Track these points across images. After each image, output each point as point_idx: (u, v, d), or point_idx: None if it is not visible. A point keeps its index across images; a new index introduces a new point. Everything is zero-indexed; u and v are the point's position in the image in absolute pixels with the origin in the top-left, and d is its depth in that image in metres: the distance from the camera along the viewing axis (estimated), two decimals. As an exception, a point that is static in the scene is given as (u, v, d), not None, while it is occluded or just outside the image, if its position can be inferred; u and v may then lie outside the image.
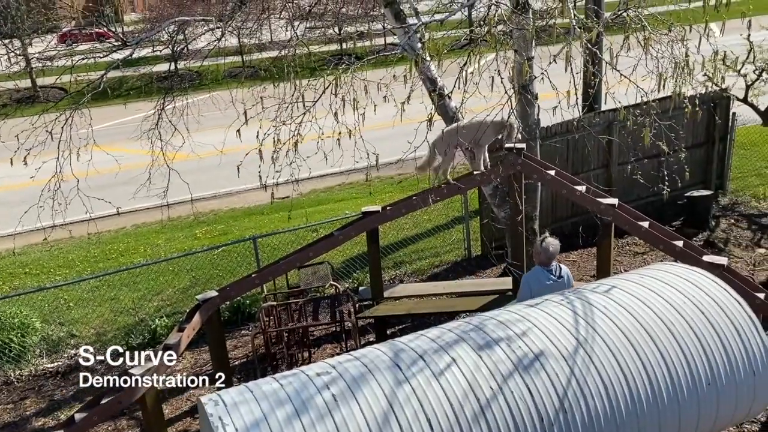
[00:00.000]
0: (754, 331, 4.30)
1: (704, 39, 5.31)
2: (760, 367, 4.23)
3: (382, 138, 6.56)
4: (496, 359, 3.84)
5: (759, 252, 9.84)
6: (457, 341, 3.97)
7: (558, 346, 3.93)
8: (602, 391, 3.81)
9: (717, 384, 4.09)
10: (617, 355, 3.95)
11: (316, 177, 14.21)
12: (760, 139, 12.27)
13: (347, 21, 22.62)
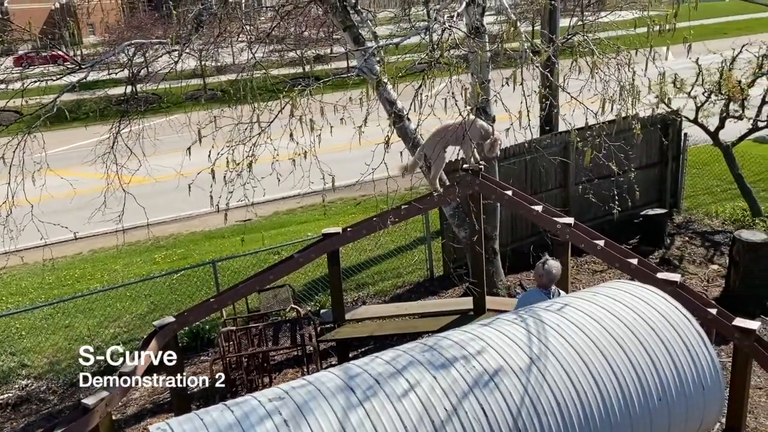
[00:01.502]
0: (703, 347, 4.40)
1: (651, 62, 5.49)
2: (709, 381, 4.31)
3: (342, 160, 6.57)
4: (451, 379, 3.84)
5: (712, 268, 10.09)
6: (412, 362, 3.96)
7: (512, 365, 3.95)
8: (555, 409, 3.83)
9: (668, 399, 4.15)
10: (570, 373, 3.99)
11: (278, 199, 14.22)
12: (710, 159, 12.66)
13: (309, 44, 22.75)
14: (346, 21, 9.18)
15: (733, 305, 8.60)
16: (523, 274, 10.74)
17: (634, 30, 5.67)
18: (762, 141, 15.36)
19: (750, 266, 8.63)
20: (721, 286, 9.38)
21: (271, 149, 5.68)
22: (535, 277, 6.29)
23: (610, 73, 5.45)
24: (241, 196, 5.90)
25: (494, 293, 9.81)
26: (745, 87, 10.61)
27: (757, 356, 6.28)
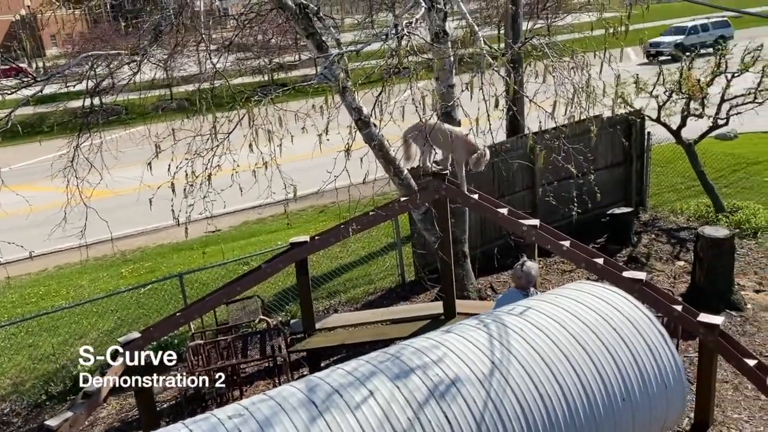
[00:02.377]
0: (665, 346, 4.43)
1: (608, 64, 5.54)
2: (672, 380, 4.34)
3: (306, 168, 6.51)
4: (412, 387, 3.81)
5: (678, 265, 10.23)
6: (374, 372, 3.92)
7: (474, 371, 3.93)
8: (519, 414, 3.82)
9: (632, 399, 4.17)
10: (533, 377, 3.99)
11: (240, 210, 14.07)
12: (674, 156, 12.85)
13: (276, 52, 22.67)
14: (308, 28, 9.13)
15: (699, 300, 8.75)
16: (493, 276, 10.77)
17: (590, 32, 5.72)
18: (723, 138, 15.68)
19: (713, 262, 8.76)
20: (687, 282, 9.51)
21: (232, 160, 5.59)
22: (514, 278, 6.29)
23: (565, 77, 5.48)
24: (205, 207, 5.80)
25: (465, 296, 9.83)
26: (704, 86, 10.80)
27: (722, 351, 6.38)
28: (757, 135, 16.40)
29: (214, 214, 6.12)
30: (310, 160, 5.92)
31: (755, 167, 13.65)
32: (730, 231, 9.10)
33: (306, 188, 6.17)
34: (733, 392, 7.32)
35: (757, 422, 6.81)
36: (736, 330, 8.42)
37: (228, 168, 6.23)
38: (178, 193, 5.50)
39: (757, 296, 9.15)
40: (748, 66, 10.78)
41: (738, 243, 10.32)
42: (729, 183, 12.86)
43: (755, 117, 11.25)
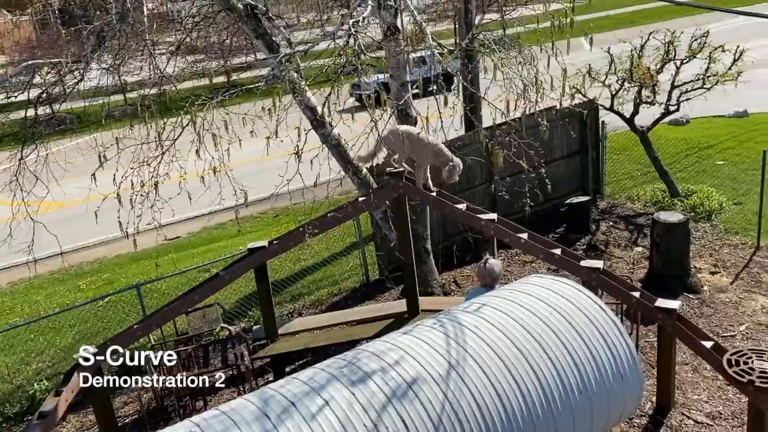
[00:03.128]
0: (620, 337, 4.47)
1: (559, 55, 5.56)
2: (628, 370, 4.38)
3: (262, 170, 6.38)
4: (369, 393, 3.76)
5: (636, 250, 10.39)
6: (330, 380, 3.85)
7: (431, 372, 3.90)
8: (477, 413, 3.81)
9: (589, 391, 4.19)
10: (490, 375, 3.97)
11: (207, 214, 13.81)
12: (629, 144, 13.05)
13: (230, 53, 22.28)
14: (258, 29, 9.01)
15: (658, 285, 8.91)
16: (457, 271, 10.79)
17: (537, 26, 5.74)
18: (676, 123, 16.01)
19: (670, 246, 8.92)
20: (646, 268, 9.66)
21: (179, 167, 5.46)
22: (479, 277, 6.30)
23: (513, 72, 5.49)
24: (153, 217, 5.64)
25: (429, 293, 9.83)
26: (654, 74, 10.98)
27: (680, 334, 6.49)
28: (708, 119, 16.77)
29: (172, 221, 6.01)
30: (266, 163, 5.81)
31: (707, 151, 13.96)
32: (685, 215, 9.28)
33: (266, 190, 6.05)
34: (693, 374, 7.46)
35: (716, 402, 6.96)
36: (693, 312, 8.59)
37: (180, 174, 6.08)
38: (125, 204, 5.33)
39: (712, 278, 9.35)
40: (696, 52, 10.99)
41: (693, 226, 10.55)
42: (683, 167, 13.11)
43: (704, 102, 11.47)
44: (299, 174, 5.74)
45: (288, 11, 22.39)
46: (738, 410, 6.70)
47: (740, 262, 9.66)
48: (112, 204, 5.71)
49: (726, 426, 6.60)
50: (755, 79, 16.17)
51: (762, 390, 5.84)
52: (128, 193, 5.63)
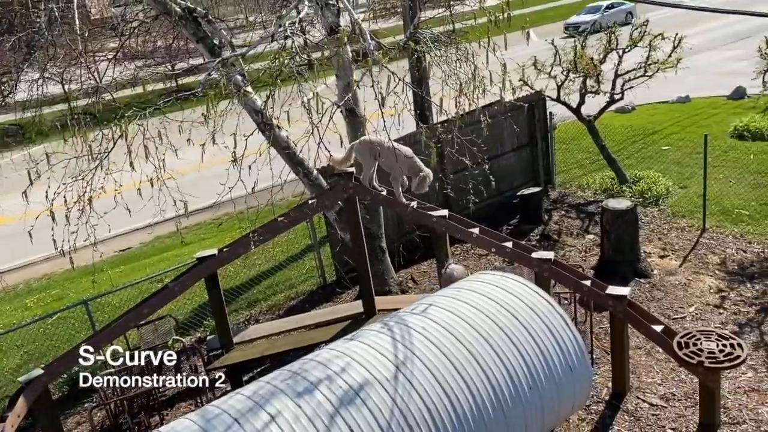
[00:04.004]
0: (567, 330, 4.49)
1: (492, 53, 5.55)
2: (576, 362, 4.41)
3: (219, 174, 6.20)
4: (315, 404, 3.69)
5: (588, 238, 10.54)
6: (275, 393, 3.77)
7: (379, 378, 3.85)
8: (426, 416, 3.77)
9: (539, 387, 4.21)
10: (438, 377, 3.94)
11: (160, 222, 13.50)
12: (577, 133, 13.23)
13: (179, 57, 21.87)
14: (198, 32, 8.82)
15: (610, 271, 9.07)
16: (414, 268, 10.78)
17: (474, 21, 5.74)
18: (622, 111, 16.32)
19: (619, 233, 9.07)
20: (597, 255, 9.81)
21: (114, 180, 5.27)
22: (444, 283, 6.30)
23: (452, 69, 5.47)
24: (89, 234, 5.44)
25: (387, 291, 9.80)
26: (597, 64, 11.14)
27: (631, 320, 6.60)
28: (652, 106, 17.15)
29: (120, 233, 5.82)
30: (213, 168, 5.67)
31: (653, 137, 14.26)
32: (633, 202, 9.44)
33: (216, 197, 5.90)
34: (646, 357, 7.59)
35: (670, 384, 7.10)
36: (645, 296, 8.75)
37: (116, 189, 5.89)
38: (59, 220, 5.12)
39: (662, 261, 9.55)
40: (637, 41, 11.19)
41: (642, 212, 10.77)
42: (630, 154, 13.36)
43: (648, 89, 11.70)
44: (241, 181, 5.64)
45: (233, 12, 22.06)
46: (690, 390, 6.84)
47: (688, 244, 9.89)
48: (58, 218, 5.49)
49: (680, 407, 6.74)
50: (695, 65, 16.66)
51: (711, 370, 5.99)
52: (64, 208, 5.43)
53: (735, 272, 8.96)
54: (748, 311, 8.10)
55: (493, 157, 11.68)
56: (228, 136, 5.49)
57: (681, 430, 6.41)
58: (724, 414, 6.46)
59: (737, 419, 6.43)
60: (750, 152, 12.51)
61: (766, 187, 11.10)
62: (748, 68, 11.69)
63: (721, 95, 17.14)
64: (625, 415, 6.70)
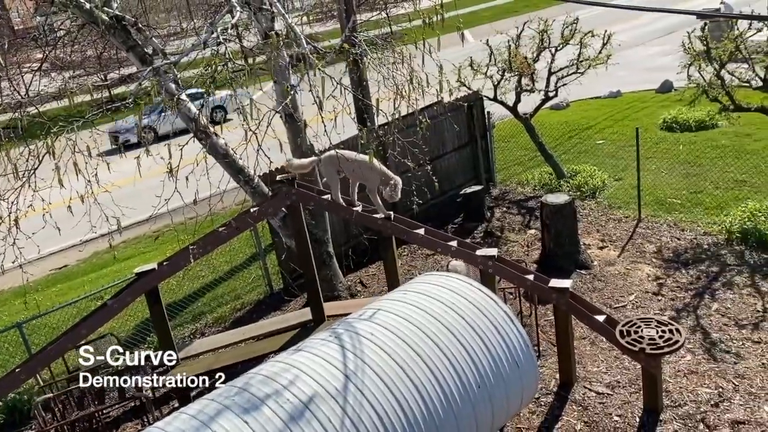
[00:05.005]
0: (512, 326, 4.55)
1: (428, 54, 5.59)
2: (522, 357, 4.48)
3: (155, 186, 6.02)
4: (264, 420, 3.61)
5: (530, 233, 10.75)
6: (220, 411, 3.67)
7: (328, 388, 3.80)
8: (378, 424, 3.75)
9: (487, 385, 4.25)
10: (389, 383, 3.93)
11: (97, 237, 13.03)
12: (515, 131, 13.49)
13: (109, 67, 21.20)
14: (128, 41, 8.56)
15: (552, 264, 9.28)
16: (362, 271, 10.75)
17: (409, 23, 5.76)
18: (557, 108, 16.75)
19: (559, 226, 9.28)
20: (539, 249, 10.00)
21: (41, 198, 5.04)
22: None
23: (388, 72, 5.48)
24: (16, 256, 5.19)
25: (336, 296, 9.74)
26: (531, 62, 11.38)
27: (574, 311, 6.76)
28: (585, 101, 17.67)
29: (55, 251, 5.57)
30: (150, 180, 5.48)
31: (587, 132, 14.68)
32: (570, 196, 9.68)
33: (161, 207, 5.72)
34: (591, 347, 7.78)
35: (614, 372, 7.29)
36: (586, 287, 8.98)
37: (54, 202, 5.64)
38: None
39: (601, 252, 9.82)
40: (568, 39, 11.49)
41: (580, 205, 11.05)
42: (566, 149, 13.71)
43: (580, 86, 12.03)
44: (178, 192, 5.49)
45: (165, 20, 21.53)
46: (634, 377, 7.04)
47: (625, 234, 10.21)
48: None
49: (624, 393, 6.93)
50: (624, 61, 17.25)
51: (652, 356, 6.20)
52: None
53: (670, 259, 9.29)
54: (684, 296, 8.41)
55: (436, 158, 11.81)
56: (162, 146, 5.34)
57: (627, 416, 6.58)
58: (666, 397, 6.68)
59: (678, 401, 6.65)
60: (679, 143, 13.03)
61: (695, 176, 11.57)
62: (674, 62, 12.15)
63: (649, 89, 17.80)
64: (573, 405, 6.85)
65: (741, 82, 9.32)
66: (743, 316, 7.82)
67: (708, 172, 11.58)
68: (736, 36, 9.12)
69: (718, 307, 8.07)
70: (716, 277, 8.69)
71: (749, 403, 6.51)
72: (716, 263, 8.98)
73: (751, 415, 6.35)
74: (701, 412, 6.46)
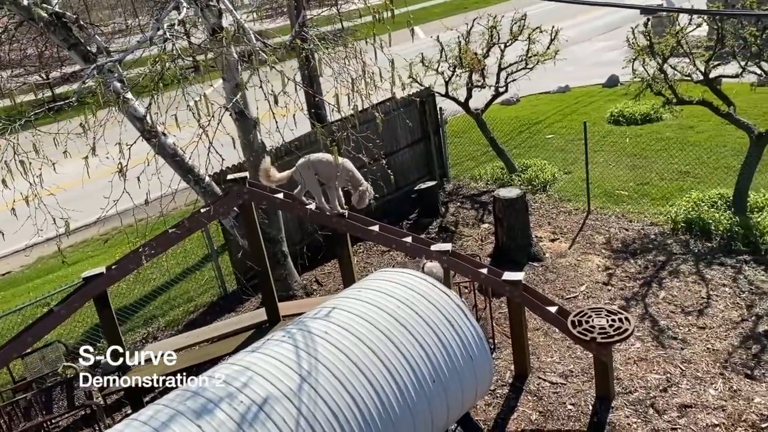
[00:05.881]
0: (465, 320, 4.59)
1: (380, 49, 5.58)
2: (476, 350, 4.52)
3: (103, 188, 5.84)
4: (217, 423, 3.54)
5: (483, 227, 10.87)
6: (173, 416, 3.59)
7: (282, 389, 3.76)
8: (333, 422, 3.73)
9: (442, 379, 4.27)
10: (344, 381, 3.91)
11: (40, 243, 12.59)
12: (467, 127, 13.61)
13: (51, 65, 20.49)
14: (69, 39, 8.30)
15: (505, 258, 9.40)
16: (318, 270, 10.69)
17: (360, 19, 5.74)
18: (508, 103, 16.99)
19: (511, 220, 9.42)
20: (493, 243, 10.13)
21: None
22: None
23: (338, 68, 5.45)
24: None
25: (292, 296, 9.66)
26: (481, 58, 11.49)
27: (527, 303, 6.86)
28: (535, 96, 17.97)
29: None
30: (97, 182, 5.33)
31: (537, 126, 14.92)
32: (522, 190, 9.83)
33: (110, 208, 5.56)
34: (545, 338, 7.92)
35: (568, 361, 7.44)
36: (539, 279, 9.13)
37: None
38: None
39: (552, 245, 10.01)
40: (517, 35, 11.65)
41: (531, 198, 11.24)
42: (517, 144, 13.91)
43: (530, 81, 12.22)
44: (127, 193, 5.35)
45: (109, 17, 20.97)
46: (587, 366, 7.20)
47: (575, 226, 10.42)
48: None
49: (578, 382, 7.08)
50: (572, 56, 17.62)
51: (603, 345, 6.35)
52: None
53: (619, 250, 9.53)
54: (633, 285, 8.64)
55: (390, 154, 11.82)
56: (111, 147, 5.19)
57: (580, 404, 6.73)
58: (617, 384, 6.86)
59: (629, 388, 6.84)
60: (626, 136, 13.38)
61: (641, 168, 11.90)
62: (619, 57, 12.48)
63: (597, 84, 18.21)
64: (528, 396, 6.97)
65: (683, 76, 9.60)
66: (689, 303, 8.08)
67: (653, 164, 11.92)
68: (677, 31, 9.38)
69: (665, 295, 8.32)
70: (663, 265, 8.96)
71: (695, 386, 6.74)
72: (663, 252, 9.25)
73: (698, 398, 6.57)
74: (651, 398, 6.66)
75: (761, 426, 6.07)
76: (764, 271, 8.44)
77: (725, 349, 7.20)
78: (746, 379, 6.75)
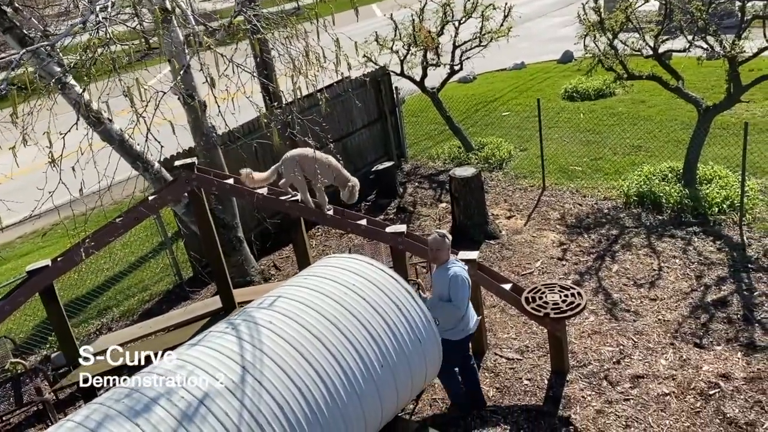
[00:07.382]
0: (413, 303, 4.56)
1: (324, 30, 5.45)
2: (424, 333, 4.51)
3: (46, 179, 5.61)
4: (156, 421, 3.45)
5: (441, 207, 10.88)
6: (110, 415, 3.48)
7: (225, 382, 3.68)
8: (279, 414, 3.67)
9: (390, 363, 4.25)
10: (289, 371, 3.85)
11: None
12: (425, 106, 13.56)
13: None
14: (3, 22, 7.93)
15: (462, 236, 9.42)
16: (276, 254, 10.57)
17: (301, 0, 5.59)
18: (464, 81, 16.95)
19: (467, 199, 9.43)
20: (450, 222, 10.14)
21: None
22: (444, 253, 5.83)
23: (286, 46, 5.31)
24: None
25: (249, 282, 9.55)
26: (435, 36, 11.40)
27: (482, 282, 6.89)
28: (491, 74, 17.97)
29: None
30: (37, 173, 5.11)
31: (493, 104, 14.95)
32: (477, 168, 9.83)
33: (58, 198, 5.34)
34: (501, 314, 7.98)
35: (523, 337, 7.52)
36: (495, 257, 9.18)
37: None
38: None
39: (509, 222, 10.07)
40: (470, 13, 11.57)
41: (488, 176, 11.27)
42: (474, 122, 13.91)
43: (485, 59, 12.18)
44: (63, 183, 5.14)
45: None
46: (542, 341, 7.28)
47: (531, 203, 10.50)
48: None
49: (533, 357, 7.16)
50: (526, 33, 17.64)
51: (556, 320, 6.41)
52: None
53: (573, 225, 9.64)
54: (587, 260, 8.75)
55: (346, 135, 11.71)
56: (49, 136, 4.96)
57: (536, 379, 6.81)
58: (572, 358, 6.96)
59: (584, 361, 6.94)
60: (579, 111, 13.48)
61: (595, 143, 12.03)
62: (573, 33, 12.51)
63: (551, 60, 18.28)
64: (485, 372, 7.02)
65: (633, 51, 9.68)
66: (641, 276, 8.23)
67: (606, 139, 12.06)
68: (627, 6, 9.43)
69: (618, 268, 8.46)
70: (616, 239, 9.09)
71: (647, 357, 6.87)
72: (616, 226, 9.39)
73: (649, 369, 6.71)
74: (604, 370, 6.77)
75: (709, 393, 6.23)
76: (713, 241, 8.64)
77: (675, 319, 7.35)
78: (695, 348, 6.91)
